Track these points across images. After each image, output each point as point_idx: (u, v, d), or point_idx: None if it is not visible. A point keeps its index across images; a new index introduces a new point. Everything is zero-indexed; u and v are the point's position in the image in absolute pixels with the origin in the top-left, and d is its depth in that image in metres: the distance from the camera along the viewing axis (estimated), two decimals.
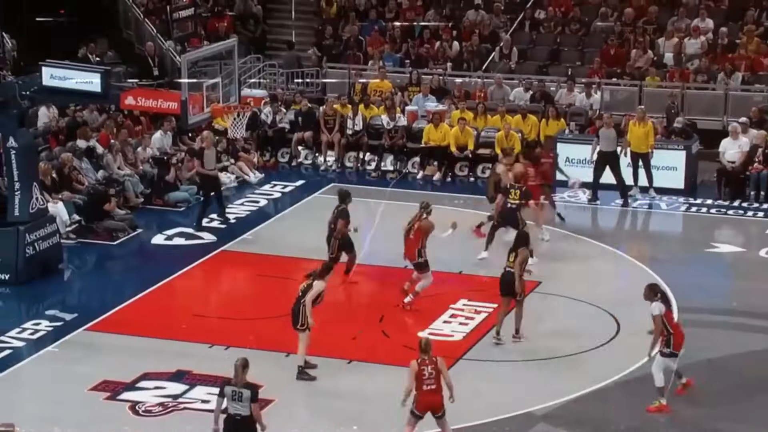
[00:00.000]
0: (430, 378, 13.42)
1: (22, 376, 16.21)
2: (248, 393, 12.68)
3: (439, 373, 13.44)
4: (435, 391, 13.45)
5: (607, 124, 23.47)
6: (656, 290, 14.96)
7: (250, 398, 12.67)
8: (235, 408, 12.72)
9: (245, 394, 12.67)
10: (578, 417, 14.90)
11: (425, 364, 13.45)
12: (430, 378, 13.42)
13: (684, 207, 23.43)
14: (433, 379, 13.41)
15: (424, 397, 13.47)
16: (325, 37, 30.21)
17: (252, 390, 12.73)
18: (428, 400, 13.48)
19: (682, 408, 15.04)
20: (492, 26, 29.68)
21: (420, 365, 13.45)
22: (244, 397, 12.67)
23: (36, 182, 19.59)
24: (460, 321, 17.66)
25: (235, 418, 12.73)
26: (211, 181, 22.27)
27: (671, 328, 14.85)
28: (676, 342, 14.85)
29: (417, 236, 17.82)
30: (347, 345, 16.62)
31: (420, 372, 13.42)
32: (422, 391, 13.46)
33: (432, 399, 13.47)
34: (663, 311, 14.79)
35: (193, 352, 16.56)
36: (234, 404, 12.71)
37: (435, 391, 13.46)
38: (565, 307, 18.23)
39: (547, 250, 20.56)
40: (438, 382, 13.46)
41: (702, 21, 28.29)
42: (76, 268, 20.64)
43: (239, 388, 12.71)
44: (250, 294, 19.19)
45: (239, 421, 12.70)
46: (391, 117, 26.07)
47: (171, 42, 29.10)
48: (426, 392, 13.45)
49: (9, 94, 19.17)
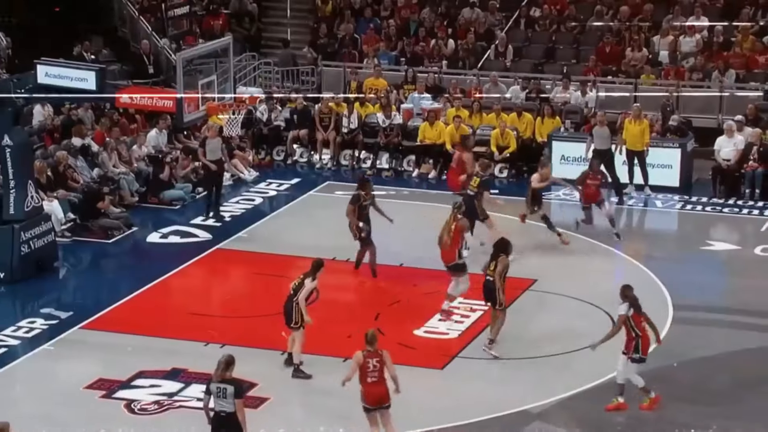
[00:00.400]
0: (374, 370, 13.43)
1: (18, 375, 16.22)
2: (232, 389, 12.62)
3: (383, 366, 13.43)
4: (378, 383, 13.45)
5: (600, 122, 23.50)
6: (626, 292, 14.87)
7: (234, 394, 12.61)
8: (220, 405, 12.69)
9: (229, 390, 12.62)
10: (574, 415, 14.93)
11: (370, 356, 13.48)
12: (374, 370, 13.43)
13: (679, 205, 23.47)
14: (376, 371, 13.43)
15: (368, 388, 13.50)
16: (320, 36, 30.21)
17: (236, 386, 12.68)
18: (372, 391, 13.50)
19: (677, 405, 15.05)
20: (487, 24, 29.69)
21: (365, 357, 13.48)
22: (228, 393, 12.62)
23: (31, 180, 19.60)
24: (455, 319, 17.65)
25: (220, 414, 12.70)
26: (214, 173, 22.14)
27: (639, 331, 14.77)
28: (644, 346, 14.78)
29: (456, 238, 17.53)
30: (343, 343, 16.63)
31: (364, 364, 13.45)
32: (366, 383, 13.50)
33: (376, 390, 13.48)
34: (630, 312, 14.74)
35: (188, 350, 16.57)
36: (219, 401, 12.68)
37: (378, 383, 13.46)
38: (561, 304, 18.23)
39: (543, 247, 20.57)
40: (381, 374, 13.45)
41: (697, 19, 28.31)
42: (71, 266, 20.67)
43: (223, 384, 12.66)
44: (245, 292, 19.20)
45: (224, 417, 12.67)
46: (386, 115, 26.09)
47: (166, 40, 29.11)
48: (369, 384, 13.47)
49: (4, 92, 19.15)
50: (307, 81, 29.15)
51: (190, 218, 22.44)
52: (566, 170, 24.49)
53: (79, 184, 22.27)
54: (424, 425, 14.32)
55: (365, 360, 13.49)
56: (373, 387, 13.50)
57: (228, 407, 12.64)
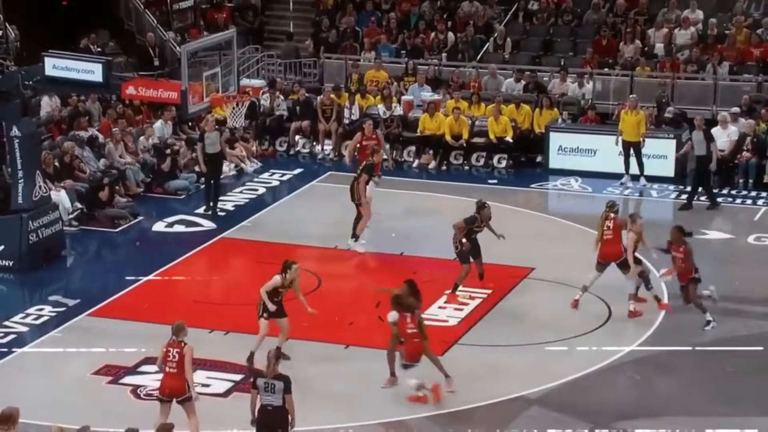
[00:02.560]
0: (173, 361, 13.30)
1: (26, 361, 16.41)
2: (281, 384, 12.74)
3: (182, 359, 13.23)
4: (175, 375, 13.31)
5: (699, 126, 22.57)
6: (398, 301, 14.95)
7: (283, 389, 12.74)
8: (267, 399, 12.79)
9: (278, 386, 12.74)
10: (571, 401, 15.09)
11: (172, 345, 13.36)
12: (173, 361, 13.30)
13: (674, 195, 23.59)
14: (175, 363, 13.27)
15: (165, 378, 13.41)
16: (323, 28, 30.42)
17: (285, 381, 12.78)
18: (168, 383, 13.39)
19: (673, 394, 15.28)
20: (486, 17, 29.81)
21: (168, 346, 13.39)
22: (277, 388, 12.73)
23: (39, 171, 19.76)
24: (455, 306, 17.85)
25: (267, 408, 12.81)
26: (212, 166, 22.24)
27: (404, 338, 14.72)
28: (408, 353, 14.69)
29: (617, 233, 17.45)
30: (344, 330, 16.92)
31: (165, 353, 13.36)
32: (165, 373, 13.41)
33: (172, 383, 13.35)
34: (396, 319, 14.79)
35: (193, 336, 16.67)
36: (267, 395, 12.78)
37: (175, 376, 13.32)
38: (558, 293, 18.36)
39: (541, 236, 20.73)
40: (180, 367, 13.27)
41: (692, 12, 28.43)
42: (78, 254, 20.85)
43: (271, 380, 12.77)
44: (249, 280, 19.37)
45: (271, 411, 12.78)
46: (387, 106, 26.31)
47: (171, 33, 29.21)
48: (167, 374, 13.38)
49: (12, 84, 19.36)
50: (309, 73, 29.35)
51: (194, 208, 22.62)
52: (564, 161, 24.75)
53: (85, 174, 22.51)
54: (423, 411, 14.51)
55: (167, 349, 13.31)
56: (169, 378, 13.34)
57: (276, 402, 12.75)
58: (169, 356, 13.37)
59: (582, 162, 24.55)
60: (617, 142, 23.93)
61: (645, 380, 15.71)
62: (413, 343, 14.71)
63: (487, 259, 18.44)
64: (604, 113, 26.02)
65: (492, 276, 18.58)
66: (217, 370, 15.74)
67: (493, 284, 18.34)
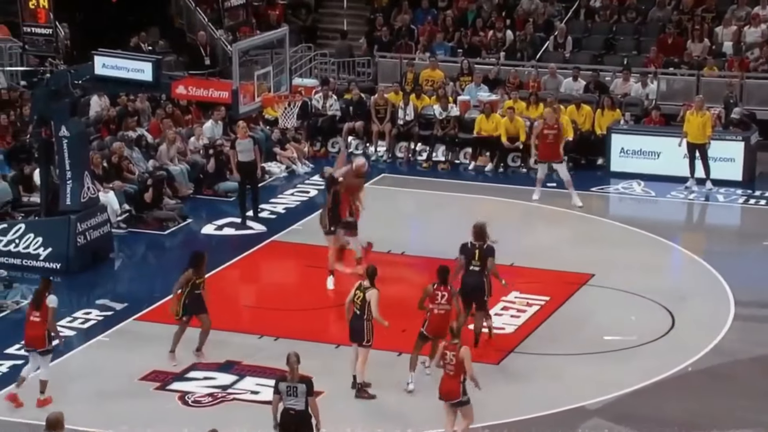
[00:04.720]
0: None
1: (73, 366, 16.29)
2: (303, 387, 12.71)
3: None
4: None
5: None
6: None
7: (306, 392, 12.69)
8: (290, 403, 12.74)
9: (300, 389, 12.70)
10: (631, 412, 14.80)
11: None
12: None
13: (742, 199, 23.08)
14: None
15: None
16: (377, 26, 30.11)
17: (307, 384, 12.74)
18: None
19: (740, 403, 14.88)
20: (546, 15, 29.49)
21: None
22: (299, 391, 12.70)
23: (87, 171, 19.66)
24: (512, 313, 17.57)
25: (289, 412, 12.75)
26: (245, 174, 21.80)
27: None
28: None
29: None
30: (397, 337, 16.48)
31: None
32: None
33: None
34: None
35: (242, 342, 16.53)
36: (289, 399, 12.74)
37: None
38: (619, 300, 18.04)
39: (602, 241, 20.37)
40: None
41: (762, 9, 27.85)
42: (126, 257, 20.72)
43: (294, 383, 12.72)
44: (299, 285, 19.13)
45: (294, 415, 12.72)
46: (443, 107, 25.92)
47: (222, 31, 29.19)
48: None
49: (61, 83, 19.24)
50: (363, 72, 29.06)
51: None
52: (626, 164, 24.27)
53: (134, 175, 22.33)
54: (480, 421, 14.13)
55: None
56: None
57: (299, 405, 12.71)
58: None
59: (645, 165, 24.06)
60: (680, 143, 23.33)
61: (710, 391, 15.37)
62: (435, 315, 14.99)
63: (546, 266, 18.10)
64: (668, 114, 25.40)
65: (551, 282, 18.33)
66: (266, 376, 15.33)
67: (551, 291, 17.86)
